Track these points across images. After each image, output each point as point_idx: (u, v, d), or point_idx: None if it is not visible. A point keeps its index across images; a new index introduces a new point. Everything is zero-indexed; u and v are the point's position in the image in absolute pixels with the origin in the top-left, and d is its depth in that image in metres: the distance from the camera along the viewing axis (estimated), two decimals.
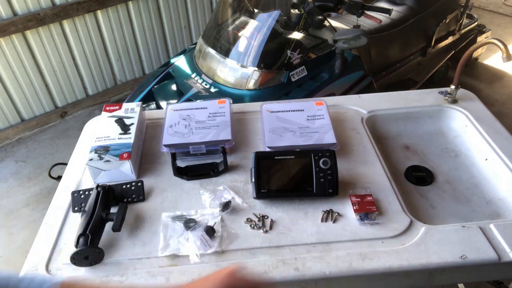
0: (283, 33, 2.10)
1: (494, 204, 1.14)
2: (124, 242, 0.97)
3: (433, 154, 1.32)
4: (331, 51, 2.11)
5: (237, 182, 1.14)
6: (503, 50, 1.17)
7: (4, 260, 2.12)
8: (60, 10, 2.79)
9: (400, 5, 2.79)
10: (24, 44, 2.77)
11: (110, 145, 1.17)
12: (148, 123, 1.39)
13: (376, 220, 1.00)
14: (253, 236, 0.98)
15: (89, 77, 3.22)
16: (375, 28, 2.56)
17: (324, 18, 2.24)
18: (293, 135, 1.21)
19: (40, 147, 2.92)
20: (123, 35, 3.22)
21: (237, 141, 1.27)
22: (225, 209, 1.04)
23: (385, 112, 1.40)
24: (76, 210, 1.07)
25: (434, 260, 0.90)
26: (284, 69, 1.99)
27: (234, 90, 2.01)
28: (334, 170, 1.04)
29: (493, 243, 0.93)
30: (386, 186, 1.10)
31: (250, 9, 2.19)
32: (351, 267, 0.90)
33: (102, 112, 1.30)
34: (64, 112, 3.18)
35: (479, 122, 1.31)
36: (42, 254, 0.96)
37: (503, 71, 3.56)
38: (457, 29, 3.08)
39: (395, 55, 2.67)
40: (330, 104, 1.39)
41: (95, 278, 0.90)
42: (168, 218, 1.02)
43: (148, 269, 0.91)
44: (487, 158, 1.23)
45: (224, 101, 1.35)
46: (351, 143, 1.25)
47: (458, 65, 1.33)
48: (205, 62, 2.17)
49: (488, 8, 4.66)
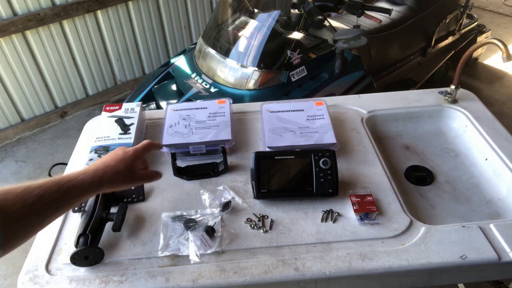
0: (283, 33, 2.10)
1: (494, 204, 1.14)
2: (124, 242, 0.97)
3: (433, 154, 1.32)
4: (331, 51, 2.11)
5: (237, 182, 1.14)
6: (503, 50, 1.17)
7: (4, 260, 2.12)
8: (60, 10, 2.79)
9: (400, 5, 2.79)
10: (24, 44, 2.77)
11: (110, 145, 1.17)
12: (148, 123, 1.39)
13: (376, 220, 1.00)
14: (253, 236, 0.98)
15: (89, 77, 3.22)
16: (375, 28, 2.56)
17: (324, 18, 2.24)
18: (293, 135, 1.21)
19: (40, 147, 2.92)
20: (123, 35, 3.22)
21: (237, 141, 1.27)
22: (225, 209, 1.04)
23: (385, 112, 1.40)
24: (76, 210, 1.07)
25: (434, 260, 0.90)
26: (284, 69, 1.99)
27: (234, 90, 2.01)
28: (334, 170, 1.04)
29: (493, 243, 0.93)
30: (386, 186, 1.10)
31: (250, 9, 2.19)
32: (351, 267, 0.90)
33: (102, 112, 1.30)
34: (64, 112, 3.18)
35: (479, 122, 1.31)
36: (42, 254, 0.96)
37: (503, 71, 3.56)
38: (457, 29, 3.08)
39: (395, 55, 2.67)
40: (330, 104, 1.39)
41: (95, 278, 0.90)
42: (168, 218, 1.02)
43: (148, 269, 0.91)
44: (487, 158, 1.23)
45: (224, 101, 1.35)
46: (351, 143, 1.25)
47: (458, 65, 1.33)
48: (205, 62, 2.17)
49: (488, 8, 4.66)
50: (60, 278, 0.90)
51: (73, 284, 0.89)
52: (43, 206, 0.70)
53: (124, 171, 0.85)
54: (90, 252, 0.89)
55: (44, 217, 0.71)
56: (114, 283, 0.88)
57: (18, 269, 0.95)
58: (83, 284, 0.89)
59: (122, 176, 0.85)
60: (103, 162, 0.84)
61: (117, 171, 0.84)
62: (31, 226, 0.70)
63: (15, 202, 0.66)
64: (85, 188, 0.77)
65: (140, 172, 0.92)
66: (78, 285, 0.89)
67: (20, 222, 0.67)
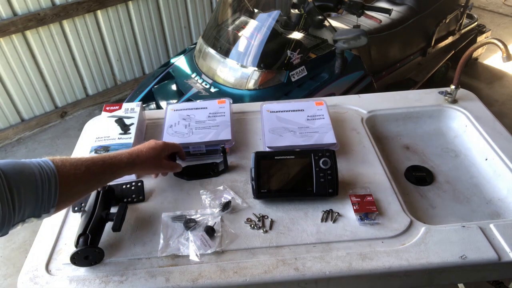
0: (283, 33, 2.10)
1: (494, 204, 1.14)
2: (124, 242, 0.97)
3: (433, 154, 1.32)
4: (331, 51, 2.11)
5: (237, 182, 1.14)
6: (503, 50, 1.17)
7: (4, 260, 2.12)
8: (60, 10, 2.79)
9: (400, 5, 2.79)
10: (24, 44, 2.77)
11: (110, 145, 1.17)
12: (148, 123, 1.39)
13: (376, 220, 1.00)
14: (253, 236, 0.98)
15: (89, 77, 3.22)
16: (375, 28, 2.56)
17: (324, 18, 2.24)
18: (293, 135, 1.21)
19: (40, 147, 2.92)
20: (123, 35, 3.22)
21: (237, 141, 1.27)
22: (225, 209, 1.04)
23: (385, 112, 1.40)
24: (76, 210, 1.07)
25: (434, 260, 0.90)
26: (284, 69, 1.99)
27: (234, 90, 2.01)
28: (334, 170, 1.04)
29: (493, 243, 0.93)
30: (386, 186, 1.10)
31: (250, 9, 2.19)
32: (351, 267, 0.90)
33: (102, 112, 1.30)
34: (64, 112, 3.18)
35: (479, 122, 1.31)
36: (42, 254, 0.96)
37: (503, 71, 3.56)
38: (457, 29, 3.08)
39: (395, 55, 2.67)
40: (330, 104, 1.39)
41: (95, 278, 0.90)
42: (168, 218, 1.02)
43: (148, 269, 0.91)
44: (487, 158, 1.23)
45: (224, 101, 1.35)
46: (351, 143, 1.25)
47: (458, 65, 1.33)
48: (205, 62, 2.17)
49: (488, 8, 4.66)
50: (60, 278, 0.90)
51: (73, 284, 0.89)
52: (90, 176, 0.85)
53: (153, 158, 1.00)
54: (90, 252, 0.89)
55: (90, 184, 0.87)
56: (114, 283, 0.88)
57: (18, 269, 0.96)
58: (83, 284, 0.89)
59: (151, 162, 1.00)
60: (137, 148, 0.99)
61: (148, 156, 0.99)
62: (79, 191, 0.85)
63: (70, 169, 0.80)
64: (122, 166, 0.92)
65: (165, 161, 1.07)
66: (78, 285, 0.89)
67: (72, 186, 0.81)
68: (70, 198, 0.83)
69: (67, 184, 0.79)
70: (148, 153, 0.99)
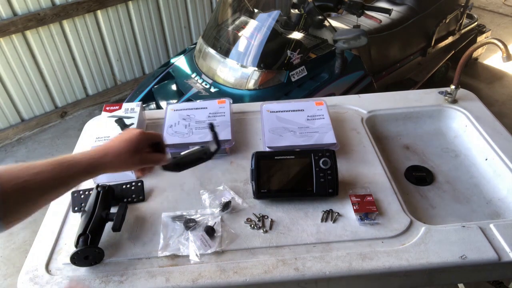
0: (283, 33, 2.10)
1: (494, 204, 1.14)
2: (124, 242, 0.97)
3: (433, 154, 1.32)
4: (331, 51, 2.11)
5: (237, 182, 1.14)
6: (503, 50, 1.17)
7: (4, 260, 2.12)
8: (60, 10, 2.79)
9: (400, 5, 2.79)
10: (24, 44, 2.77)
11: None
12: (148, 123, 1.39)
13: (376, 220, 1.00)
14: (253, 236, 0.98)
15: (89, 77, 3.22)
16: (375, 28, 2.56)
17: (324, 18, 2.24)
18: (293, 135, 1.21)
19: (40, 147, 2.92)
20: (123, 35, 3.22)
21: (237, 141, 1.27)
22: (225, 209, 1.04)
23: (385, 112, 1.40)
24: (76, 210, 1.07)
25: (434, 260, 0.90)
26: (284, 69, 1.99)
27: (234, 90, 2.01)
28: (334, 170, 1.04)
29: (493, 243, 0.93)
30: (386, 186, 1.10)
31: (250, 9, 2.19)
32: (351, 267, 0.90)
33: (102, 112, 1.30)
34: (64, 112, 3.18)
35: (479, 122, 1.31)
36: (42, 254, 0.96)
37: (503, 71, 3.56)
38: (457, 29, 3.08)
39: (395, 55, 2.67)
40: (330, 104, 1.39)
41: (95, 278, 0.90)
42: (168, 218, 1.02)
43: (148, 269, 0.91)
44: (487, 158, 1.23)
45: (224, 101, 1.35)
46: (351, 143, 1.25)
47: (458, 65, 1.33)
48: (205, 62, 2.17)
49: (488, 8, 4.66)
50: (60, 278, 0.90)
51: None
52: (41, 183, 0.71)
53: (126, 153, 0.83)
54: (90, 252, 0.89)
55: (42, 193, 0.72)
56: (114, 283, 0.88)
57: (18, 269, 0.95)
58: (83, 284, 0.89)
59: (124, 158, 0.83)
60: (105, 144, 0.84)
61: (119, 153, 0.82)
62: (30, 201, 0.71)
63: (16, 177, 0.68)
64: (81, 169, 0.77)
65: (145, 154, 0.88)
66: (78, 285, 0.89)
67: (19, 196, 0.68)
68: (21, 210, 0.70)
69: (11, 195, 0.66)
70: (119, 148, 0.82)
